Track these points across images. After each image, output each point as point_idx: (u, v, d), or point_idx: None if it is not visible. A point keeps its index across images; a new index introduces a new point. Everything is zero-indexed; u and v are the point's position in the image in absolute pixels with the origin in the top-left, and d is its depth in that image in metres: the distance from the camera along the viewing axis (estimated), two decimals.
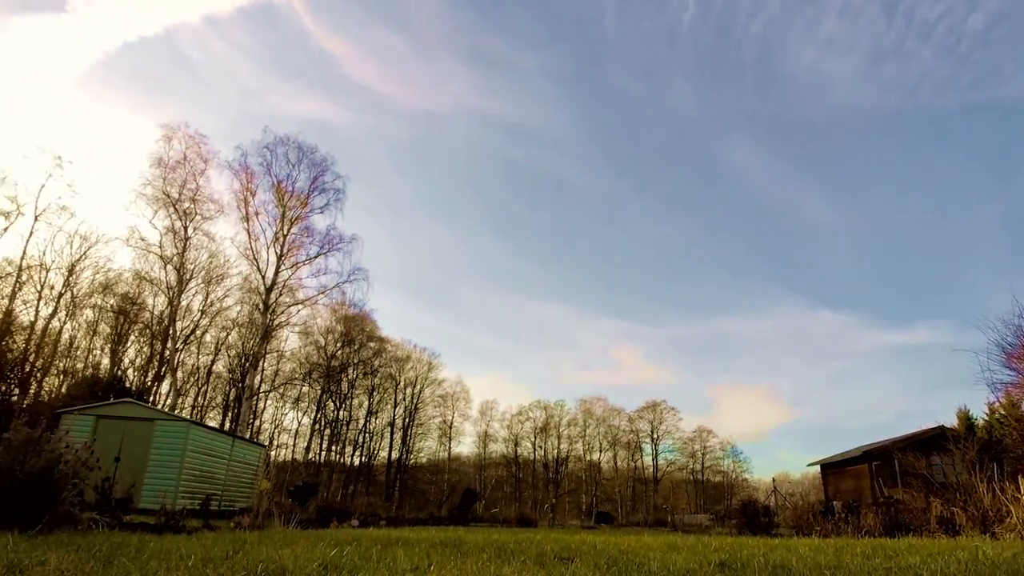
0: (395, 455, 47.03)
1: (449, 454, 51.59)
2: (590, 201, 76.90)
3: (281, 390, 42.14)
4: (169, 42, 54.63)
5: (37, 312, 29.20)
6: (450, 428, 51.02)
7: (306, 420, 43.96)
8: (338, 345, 43.28)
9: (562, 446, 52.84)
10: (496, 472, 53.74)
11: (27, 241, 27.56)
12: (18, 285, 28.04)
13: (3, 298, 27.74)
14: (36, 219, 27.38)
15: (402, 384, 47.63)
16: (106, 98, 52.34)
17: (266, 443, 36.19)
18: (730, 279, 75.28)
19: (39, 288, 29.03)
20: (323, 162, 30.78)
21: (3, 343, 27.31)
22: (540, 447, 52.80)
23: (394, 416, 47.21)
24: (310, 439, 42.86)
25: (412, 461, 48.71)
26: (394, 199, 73.29)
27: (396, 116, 70.03)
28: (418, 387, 48.32)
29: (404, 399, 47.77)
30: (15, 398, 26.68)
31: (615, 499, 52.00)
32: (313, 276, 31.08)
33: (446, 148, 74.12)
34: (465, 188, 77.55)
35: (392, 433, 47.08)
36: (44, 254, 28.85)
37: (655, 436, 53.83)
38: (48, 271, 29.19)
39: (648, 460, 54.20)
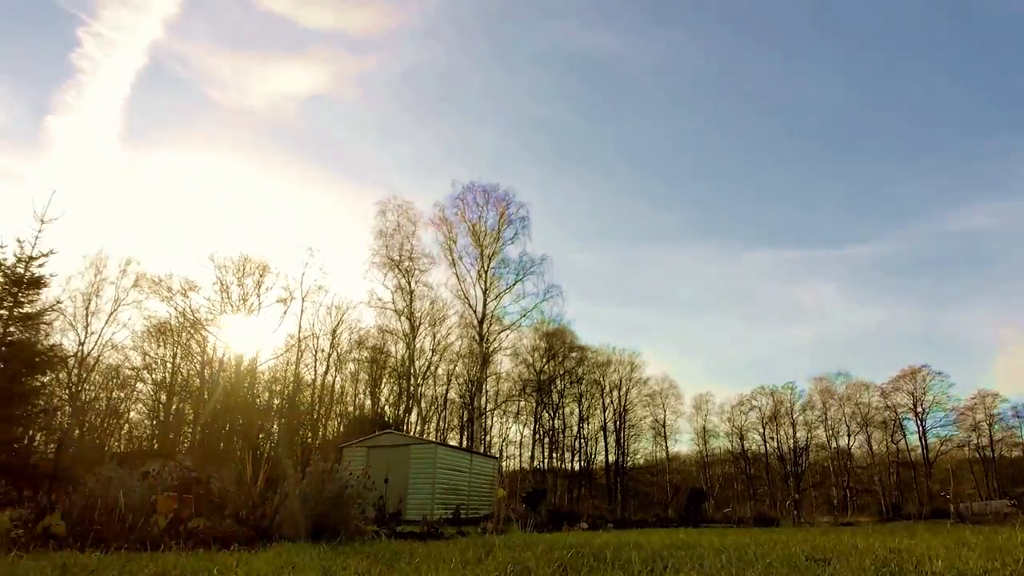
0: (611, 458, 47.44)
1: (667, 453, 50.02)
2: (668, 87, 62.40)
3: (503, 407, 46.05)
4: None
5: (315, 371, 37.67)
6: (663, 426, 49.54)
7: (527, 431, 47.30)
8: (544, 360, 45.86)
9: (798, 434, 47.20)
10: (722, 469, 50.31)
11: (300, 318, 36.13)
12: (299, 353, 36.78)
13: (292, 364, 36.56)
14: (303, 300, 35.83)
15: (607, 388, 48.03)
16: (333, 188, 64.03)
17: (497, 455, 39.80)
18: (940, 144, 53.26)
19: (314, 352, 37.62)
20: (506, 197, 33.88)
21: (297, 399, 35.52)
22: (771, 438, 47.94)
23: (604, 420, 47.85)
24: (532, 448, 45.96)
25: (629, 463, 48.51)
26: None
27: None
28: (623, 389, 48.19)
29: (612, 402, 48.07)
30: (309, 439, 34.18)
31: (874, 489, 44.35)
32: (514, 302, 34.16)
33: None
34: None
35: (605, 436, 47.68)
36: (313, 326, 37.28)
37: (920, 410, 44.66)
38: (318, 338, 37.61)
39: (914, 439, 45.25)
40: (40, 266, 19.97)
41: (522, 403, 46.23)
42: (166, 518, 6.11)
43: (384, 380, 40.86)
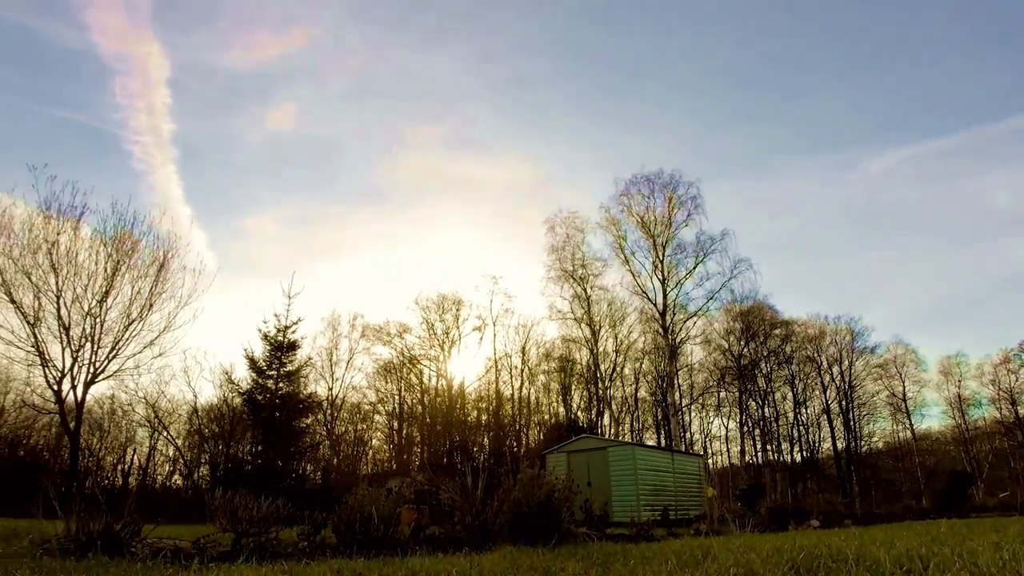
0: (840, 444, 41.34)
1: (912, 432, 41.98)
2: None
3: (700, 400, 43.57)
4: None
5: (512, 386, 41.13)
6: (903, 401, 41.79)
7: (732, 424, 43.84)
8: (742, 343, 42.31)
9: None
10: (990, 444, 40.43)
11: (494, 341, 40.42)
12: (497, 372, 40.58)
13: (492, 383, 40.13)
14: (494, 325, 40.02)
15: (824, 364, 42.23)
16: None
17: (701, 453, 37.66)
18: None
19: (509, 370, 41.31)
20: (672, 180, 32.45)
21: (500, 413, 38.55)
22: None
23: (826, 401, 42.01)
24: (742, 442, 42.34)
25: (864, 448, 41.71)
26: None
27: None
28: (845, 363, 41.88)
29: (833, 380, 42.06)
30: (515, 448, 36.54)
31: None
32: (697, 286, 32.28)
33: None
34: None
35: (830, 420, 41.78)
36: (505, 346, 41.25)
37: None
38: (510, 357, 41.38)
39: None
40: (293, 332, 25.10)
41: (722, 394, 43.11)
42: (409, 527, 7.07)
43: (573, 387, 42.06)
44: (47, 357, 18.51)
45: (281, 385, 25.34)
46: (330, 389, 38.37)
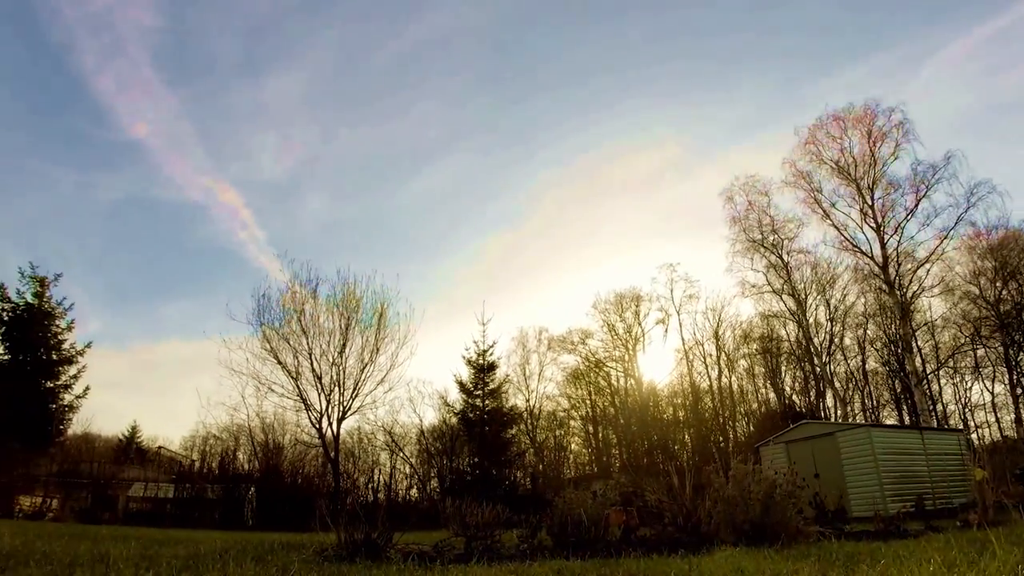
0: None
1: None
2: None
3: (951, 364, 35.80)
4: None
5: (708, 377, 38.36)
6: None
7: (999, 388, 34.92)
8: (997, 285, 33.74)
9: None
10: None
11: (681, 331, 38.27)
12: (689, 363, 38.42)
13: (685, 376, 38.41)
14: (678, 313, 38.03)
15: None
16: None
17: (960, 427, 30.74)
18: None
19: (703, 359, 38.56)
20: (867, 111, 27.85)
21: (698, 407, 36.49)
22: None
23: None
24: (1016, 408, 33.36)
25: None
26: None
27: None
28: None
29: None
30: (721, 443, 34.09)
31: None
32: (923, 226, 27.07)
33: None
34: None
35: None
36: (694, 335, 38.71)
37: None
38: (702, 345, 38.63)
39: None
40: (490, 355, 27.67)
41: (980, 352, 34.74)
42: (619, 528, 7.08)
43: (783, 368, 37.87)
44: (308, 403, 23.00)
45: (487, 402, 27.72)
46: (527, 401, 40.49)
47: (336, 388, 23.19)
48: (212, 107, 44.51)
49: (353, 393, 23.41)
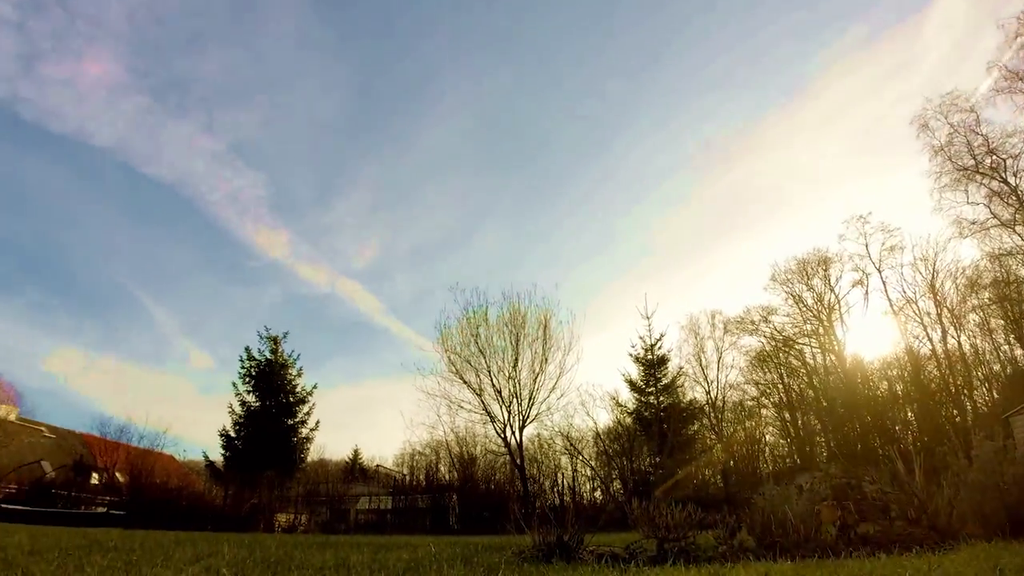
0: None
1: None
2: None
3: None
4: None
5: (929, 339, 31.93)
6: None
7: None
8: None
9: None
10: None
11: (885, 290, 32.74)
12: (901, 327, 32.48)
13: (898, 342, 32.72)
14: (879, 271, 32.71)
15: None
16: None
17: None
18: None
19: (919, 320, 32.32)
20: None
21: (920, 377, 30.68)
22: None
23: None
24: None
25: None
26: None
27: None
28: None
29: None
30: (956, 418, 28.25)
31: None
32: None
33: None
34: None
35: None
36: (903, 292, 32.59)
37: None
38: (915, 303, 32.53)
39: None
40: (659, 348, 26.97)
41: None
42: (833, 526, 6.30)
43: None
44: (492, 415, 25.13)
45: (662, 399, 26.85)
46: (707, 393, 37.76)
47: (514, 399, 24.82)
48: (312, 229, 60.97)
49: (529, 402, 24.76)
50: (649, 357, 27.13)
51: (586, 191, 66.60)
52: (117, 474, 26.81)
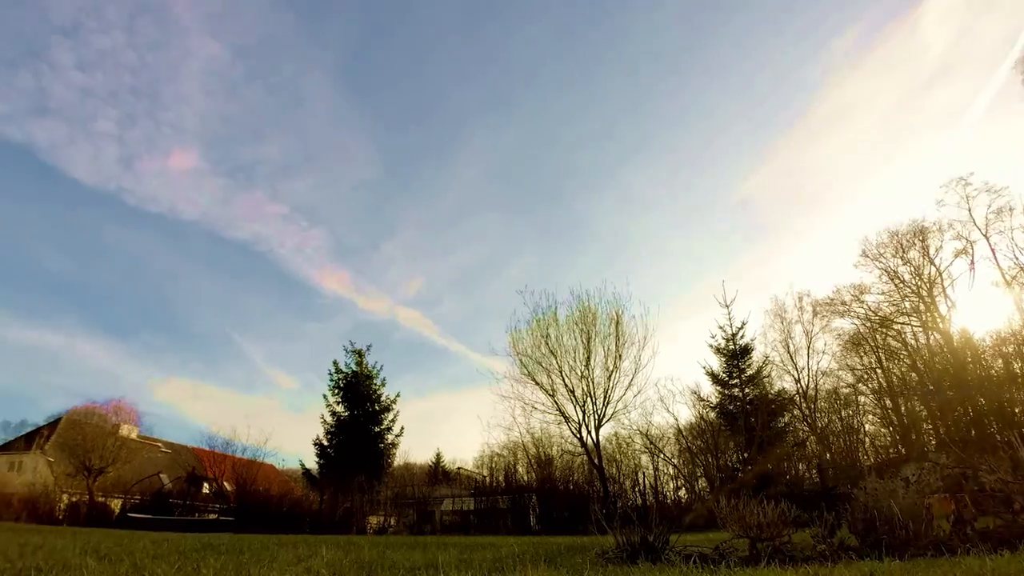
0: None
1: None
2: None
3: None
4: None
5: None
6: None
7: None
8: None
9: None
10: None
11: (995, 258, 29.40)
12: (1018, 299, 29.25)
13: (1011, 316, 29.30)
14: (986, 237, 29.50)
15: None
16: None
17: None
18: None
19: None
20: None
21: None
22: None
23: None
24: None
25: None
26: None
27: None
28: None
29: None
30: None
31: None
32: None
33: None
34: None
35: None
36: (1016, 259, 29.08)
37: None
38: None
39: None
40: (741, 338, 25.82)
41: None
42: (947, 521, 5.76)
43: None
44: (566, 415, 24.97)
45: (747, 391, 25.63)
46: (797, 382, 35.41)
47: (588, 398, 24.49)
48: (368, 268, 71.48)
49: (604, 401, 24.35)
50: (731, 347, 26.00)
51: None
52: (225, 483, 29.05)
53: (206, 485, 32.03)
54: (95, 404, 35.31)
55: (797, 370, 35.14)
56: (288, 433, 77.81)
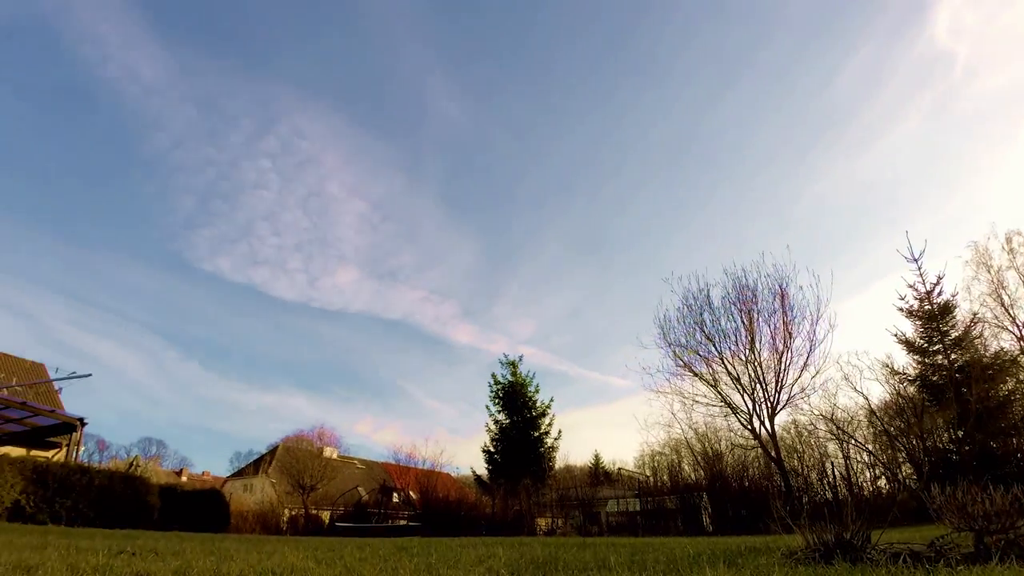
0: None
1: None
2: None
3: None
4: None
5: None
6: None
7: None
8: None
9: None
10: None
11: None
12: None
13: None
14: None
15: None
16: None
17: None
18: None
19: None
20: None
21: None
22: None
23: None
24: None
25: None
26: None
27: None
28: None
29: None
30: None
31: None
32: None
33: None
34: None
35: None
36: None
37: None
38: None
39: None
40: (938, 296, 21.72)
41: None
42: None
43: None
44: (733, 406, 22.91)
45: (953, 356, 21.64)
46: (1019, 339, 28.99)
47: (757, 385, 22.32)
48: (489, 321, 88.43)
49: (777, 386, 22.04)
50: (926, 308, 22.12)
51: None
52: (411, 492, 32.02)
53: (395, 495, 35.57)
54: (303, 432, 41.69)
55: (1017, 326, 28.64)
56: (452, 449, 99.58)
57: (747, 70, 72.37)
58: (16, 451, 23.05)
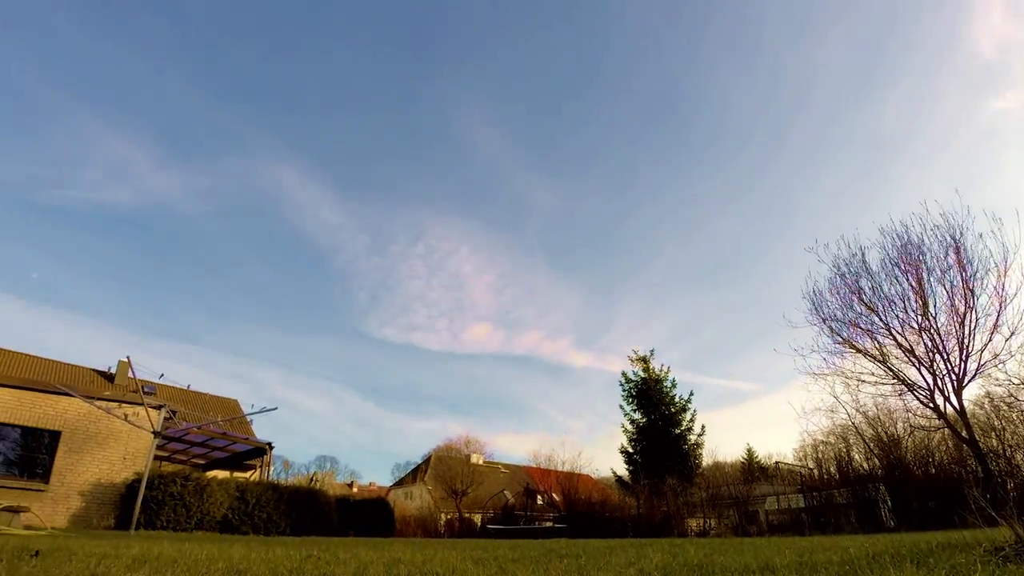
0: None
1: None
2: None
3: None
4: None
5: None
6: None
7: None
8: None
9: None
10: None
11: None
12: None
13: None
14: None
15: None
16: None
17: None
18: None
19: None
20: None
21: None
22: None
23: None
24: None
25: None
26: None
27: None
28: None
29: None
30: None
31: None
32: None
33: None
34: None
35: None
36: None
37: None
38: None
39: None
40: None
41: None
42: None
43: None
44: (908, 382, 19.80)
45: None
46: None
47: (936, 355, 19.08)
48: (601, 347, 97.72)
49: (962, 355, 18.68)
50: None
51: None
52: (553, 494, 32.46)
53: (539, 497, 36.30)
54: (451, 441, 44.52)
55: None
56: (588, 453, 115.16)
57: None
58: (221, 473, 27.40)
